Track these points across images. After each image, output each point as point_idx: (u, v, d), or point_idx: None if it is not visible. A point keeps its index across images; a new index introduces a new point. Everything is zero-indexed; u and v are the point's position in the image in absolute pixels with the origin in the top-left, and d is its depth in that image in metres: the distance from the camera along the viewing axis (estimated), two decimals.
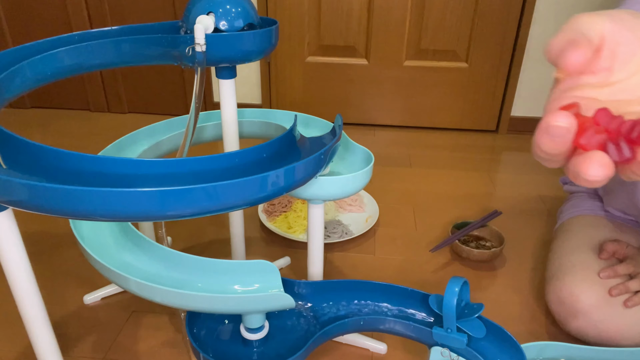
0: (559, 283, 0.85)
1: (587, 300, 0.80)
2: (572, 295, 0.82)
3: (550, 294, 0.87)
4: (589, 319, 0.80)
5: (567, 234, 0.95)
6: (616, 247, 0.86)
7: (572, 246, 0.91)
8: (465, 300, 0.69)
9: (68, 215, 0.49)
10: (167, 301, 0.63)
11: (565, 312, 0.83)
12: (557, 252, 0.93)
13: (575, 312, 0.81)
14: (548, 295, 0.88)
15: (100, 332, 0.88)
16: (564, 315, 0.84)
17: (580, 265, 0.85)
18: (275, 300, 0.65)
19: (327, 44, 1.67)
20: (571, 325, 0.83)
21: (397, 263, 1.07)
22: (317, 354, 0.84)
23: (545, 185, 1.41)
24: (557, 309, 0.85)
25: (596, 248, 0.88)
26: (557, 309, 0.85)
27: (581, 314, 0.80)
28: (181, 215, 0.52)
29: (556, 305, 0.85)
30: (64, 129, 1.73)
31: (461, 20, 1.59)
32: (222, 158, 0.56)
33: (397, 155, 1.58)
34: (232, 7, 0.70)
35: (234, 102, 0.80)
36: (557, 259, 0.91)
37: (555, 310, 0.86)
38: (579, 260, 0.86)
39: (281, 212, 1.22)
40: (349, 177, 0.72)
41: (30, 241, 1.11)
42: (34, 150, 0.52)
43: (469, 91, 1.70)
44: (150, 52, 0.74)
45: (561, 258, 0.90)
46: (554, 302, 0.85)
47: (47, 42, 0.67)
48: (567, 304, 0.82)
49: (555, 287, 0.86)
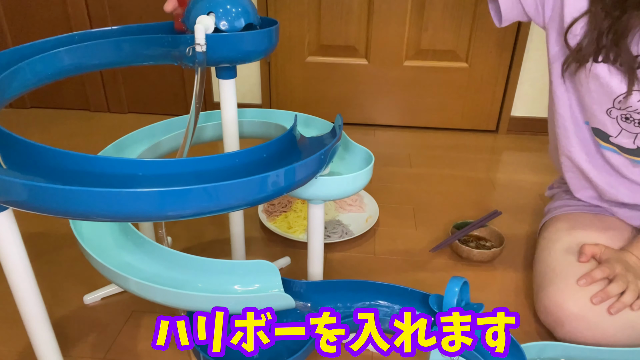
0: (544, 293, 0.85)
1: (572, 308, 0.80)
2: (556, 305, 0.82)
3: (538, 304, 0.88)
4: (576, 327, 0.79)
5: (547, 241, 0.96)
6: (594, 249, 0.86)
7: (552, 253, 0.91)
8: (465, 300, 0.69)
9: (68, 215, 0.49)
10: (167, 301, 0.63)
11: (552, 322, 0.83)
12: (538, 260, 0.94)
13: (561, 322, 0.81)
14: (536, 305, 0.89)
15: (100, 332, 0.88)
16: (552, 324, 0.84)
17: (563, 274, 0.84)
18: (276, 300, 0.65)
19: (327, 44, 1.67)
20: (560, 332, 0.82)
21: (397, 263, 1.07)
22: (317, 354, 0.84)
23: (545, 185, 1.40)
24: (545, 319, 0.85)
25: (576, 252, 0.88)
26: (545, 318, 0.85)
27: (567, 322, 0.80)
28: (181, 216, 0.52)
29: (544, 315, 0.85)
30: (64, 129, 1.73)
31: (461, 20, 1.59)
32: (222, 158, 0.57)
33: (397, 155, 1.58)
34: (233, 7, 0.70)
35: (234, 102, 0.80)
36: (539, 268, 0.92)
37: (544, 320, 0.86)
38: (560, 268, 0.86)
39: (281, 212, 1.22)
40: (349, 177, 0.72)
41: (30, 241, 1.10)
42: (34, 150, 0.52)
43: (469, 91, 1.70)
44: (150, 52, 0.74)
45: (544, 267, 0.90)
46: (541, 311, 0.86)
47: (47, 42, 0.67)
48: (553, 314, 0.82)
49: (541, 297, 0.86)
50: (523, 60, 1.62)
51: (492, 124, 1.76)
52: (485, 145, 1.67)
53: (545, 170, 1.48)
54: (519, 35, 1.58)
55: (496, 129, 1.77)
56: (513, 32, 1.59)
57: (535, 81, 1.66)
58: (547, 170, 1.48)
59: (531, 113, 1.72)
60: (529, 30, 1.57)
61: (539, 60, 1.62)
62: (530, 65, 1.64)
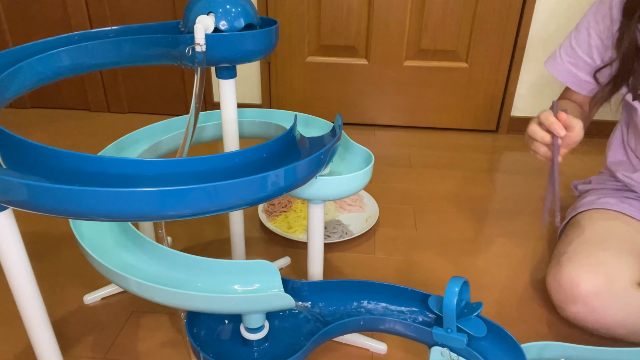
0: (559, 268, 0.85)
1: (586, 286, 0.80)
2: (571, 281, 0.82)
3: (550, 279, 0.88)
4: (588, 305, 0.80)
5: (575, 226, 0.95)
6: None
7: (578, 236, 0.91)
8: (465, 300, 0.69)
9: (68, 215, 0.49)
10: (167, 301, 0.63)
11: (564, 298, 0.84)
12: (563, 241, 0.94)
13: (574, 298, 0.82)
14: (548, 280, 0.89)
15: (100, 332, 0.88)
16: (563, 300, 0.84)
17: (584, 253, 0.85)
18: (276, 300, 0.65)
19: (327, 44, 1.67)
20: (569, 311, 0.83)
21: (397, 263, 1.07)
22: (317, 354, 0.84)
23: (545, 185, 1.41)
24: (556, 294, 0.86)
25: (604, 240, 0.88)
26: (556, 294, 0.86)
27: (580, 300, 0.81)
28: (181, 215, 0.52)
29: (555, 291, 0.86)
30: (64, 129, 1.73)
31: (461, 20, 1.59)
32: (222, 158, 0.57)
33: (397, 155, 1.58)
34: (232, 7, 0.70)
35: (234, 102, 0.80)
36: (561, 247, 0.92)
37: (555, 296, 0.86)
38: (583, 248, 0.86)
39: (281, 212, 1.22)
40: (349, 177, 0.72)
41: (30, 241, 1.11)
42: (34, 150, 0.52)
43: (469, 91, 1.70)
44: (150, 52, 0.74)
45: (566, 246, 0.90)
46: (554, 287, 0.86)
47: (47, 42, 0.67)
48: (566, 290, 0.83)
49: (556, 272, 0.86)
50: (523, 60, 1.62)
51: (492, 124, 1.76)
52: (485, 145, 1.67)
53: (545, 171, 1.48)
54: (519, 35, 1.58)
55: (496, 129, 1.77)
56: (513, 32, 1.59)
57: (535, 81, 1.66)
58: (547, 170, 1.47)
59: (531, 113, 1.72)
60: (529, 30, 1.57)
61: (539, 60, 1.62)
62: (530, 65, 1.64)
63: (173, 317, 0.91)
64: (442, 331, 0.67)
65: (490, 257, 1.10)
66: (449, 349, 0.68)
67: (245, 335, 0.70)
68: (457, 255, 1.10)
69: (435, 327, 0.68)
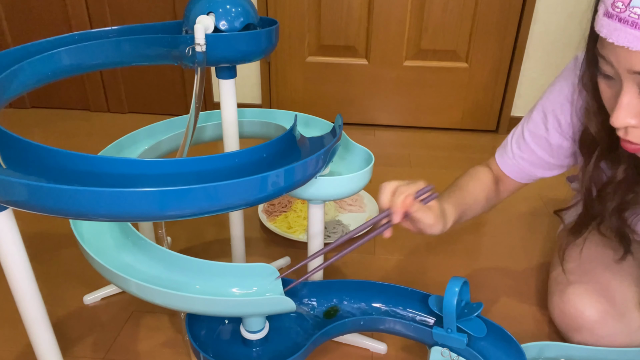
0: (562, 296, 0.82)
1: (591, 315, 0.77)
2: (575, 310, 0.79)
3: (554, 307, 0.84)
4: (593, 334, 0.77)
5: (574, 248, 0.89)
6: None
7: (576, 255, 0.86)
8: (465, 300, 0.69)
9: (68, 215, 0.49)
10: (166, 303, 0.63)
11: (568, 326, 0.81)
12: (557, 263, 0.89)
13: (578, 327, 0.79)
14: (551, 307, 0.85)
15: (100, 332, 0.88)
16: (567, 329, 0.81)
17: (585, 278, 0.81)
18: (276, 303, 0.65)
19: (327, 44, 1.67)
20: (574, 339, 0.80)
21: (397, 263, 1.07)
22: (317, 354, 0.84)
23: (545, 185, 1.40)
24: (560, 322, 0.83)
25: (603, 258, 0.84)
26: (560, 322, 0.83)
27: (585, 328, 0.78)
28: (181, 215, 0.52)
29: (560, 319, 0.82)
30: (64, 129, 1.73)
31: (461, 20, 1.59)
32: (222, 158, 0.57)
33: (397, 155, 1.58)
34: (232, 7, 0.70)
35: (234, 102, 0.80)
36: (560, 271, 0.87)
37: (559, 324, 0.83)
38: (583, 272, 0.82)
39: (281, 212, 1.22)
40: (349, 177, 0.72)
41: (30, 241, 1.10)
42: (34, 150, 0.52)
43: (469, 91, 1.70)
44: (150, 52, 0.74)
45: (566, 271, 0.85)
46: (557, 315, 0.83)
47: (47, 42, 0.67)
48: (570, 318, 0.80)
49: (558, 300, 0.83)
50: (523, 60, 1.62)
51: (492, 124, 1.76)
52: (485, 145, 1.67)
53: None
54: (519, 35, 1.58)
55: (496, 129, 1.77)
56: (513, 32, 1.59)
57: (535, 81, 1.66)
58: None
59: None
60: (529, 30, 1.57)
61: (539, 60, 1.62)
62: (530, 65, 1.63)
63: (173, 317, 0.91)
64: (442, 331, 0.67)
65: (490, 257, 1.10)
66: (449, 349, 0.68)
67: (245, 335, 0.70)
68: (457, 255, 1.10)
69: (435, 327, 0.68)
